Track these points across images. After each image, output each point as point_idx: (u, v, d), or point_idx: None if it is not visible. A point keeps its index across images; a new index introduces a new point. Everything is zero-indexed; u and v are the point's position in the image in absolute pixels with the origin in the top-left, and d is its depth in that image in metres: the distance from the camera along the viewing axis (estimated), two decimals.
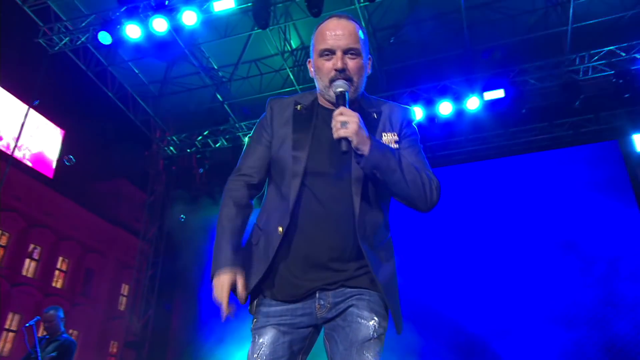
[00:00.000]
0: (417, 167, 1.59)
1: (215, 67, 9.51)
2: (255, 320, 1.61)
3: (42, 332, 5.23)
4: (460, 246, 8.40)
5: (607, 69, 7.98)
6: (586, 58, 8.06)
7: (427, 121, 8.55)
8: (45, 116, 17.59)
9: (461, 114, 8.51)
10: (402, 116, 1.73)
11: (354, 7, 7.62)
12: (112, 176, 23.69)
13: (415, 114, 8.39)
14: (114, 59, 9.29)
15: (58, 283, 19.39)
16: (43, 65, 8.93)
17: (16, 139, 14.68)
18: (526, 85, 8.32)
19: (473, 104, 8.30)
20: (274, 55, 9.17)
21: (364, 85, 1.71)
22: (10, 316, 17.12)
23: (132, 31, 7.62)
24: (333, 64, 1.61)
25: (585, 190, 8.23)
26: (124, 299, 22.00)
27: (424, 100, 8.53)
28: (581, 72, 8.12)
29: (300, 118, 1.70)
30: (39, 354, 4.72)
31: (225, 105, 9.87)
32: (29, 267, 18.17)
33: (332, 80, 1.61)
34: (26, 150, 16.78)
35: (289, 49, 8.93)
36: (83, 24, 8.27)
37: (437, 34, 8.45)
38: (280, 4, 7.92)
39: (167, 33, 7.66)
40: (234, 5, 7.50)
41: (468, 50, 8.36)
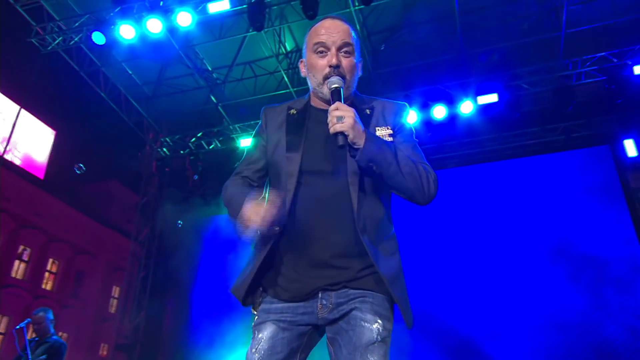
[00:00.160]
0: (414, 160, 1.59)
1: (210, 68, 9.48)
2: (256, 317, 1.62)
3: (31, 335, 5.16)
4: (453, 249, 8.42)
5: (600, 75, 8.05)
6: (579, 63, 8.13)
7: (421, 125, 8.59)
8: (37, 116, 17.45)
9: (455, 118, 8.55)
10: (395, 111, 1.75)
11: (348, 10, 7.63)
12: (104, 177, 23.50)
13: (409, 111, 8.42)
14: (107, 59, 9.23)
15: (48, 285, 19.19)
16: (35, 65, 8.87)
17: (7, 139, 14.54)
18: (520, 89, 8.37)
19: (467, 108, 8.35)
20: (268, 57, 9.16)
21: (355, 85, 1.74)
22: None
23: (126, 32, 7.58)
24: (327, 60, 1.63)
25: (577, 195, 8.29)
26: (115, 301, 21.82)
27: (418, 104, 8.56)
28: (574, 78, 8.19)
29: (293, 121, 1.73)
30: (29, 356, 4.66)
31: (220, 107, 9.84)
32: (18, 269, 17.98)
33: (325, 77, 1.63)
34: (17, 150, 16.63)
35: (284, 51, 8.92)
36: (76, 24, 8.22)
37: (432, 38, 8.48)
38: (275, 6, 7.92)
39: (161, 34, 7.63)
40: (228, 7, 7.49)
41: (462, 55, 8.39)
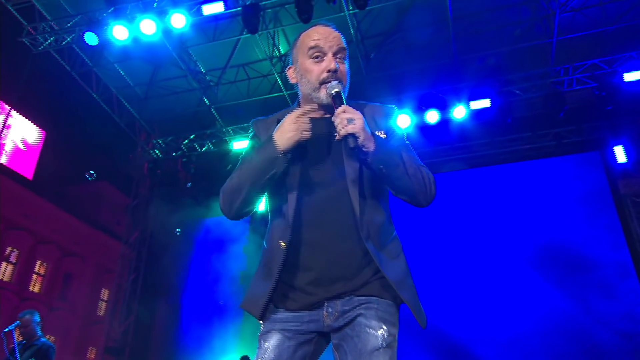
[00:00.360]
0: (415, 162, 1.61)
1: (203, 70, 9.45)
2: (262, 327, 1.61)
3: (18, 338, 5.09)
4: (444, 253, 8.44)
5: (590, 82, 8.15)
6: (570, 70, 8.22)
7: (414, 129, 8.62)
8: (27, 117, 17.26)
9: (448, 123, 8.60)
10: (385, 114, 1.73)
11: (343, 14, 7.65)
12: (94, 179, 23.29)
13: (402, 119, 8.45)
14: (99, 60, 9.17)
15: (35, 287, 18.96)
16: (26, 65, 8.77)
17: None
18: (512, 95, 8.44)
19: (459, 112, 8.40)
20: (262, 60, 9.15)
21: (347, 92, 1.71)
22: None
23: (119, 32, 7.54)
24: (325, 65, 1.61)
25: (568, 200, 8.36)
26: (104, 304, 21.62)
27: (411, 108, 8.60)
28: (565, 84, 8.27)
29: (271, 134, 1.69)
30: (17, 359, 4.59)
31: (212, 109, 9.81)
32: (5, 271, 17.75)
33: (322, 82, 1.61)
34: (5, 151, 16.43)
35: (277, 54, 8.92)
36: (69, 24, 8.16)
37: (425, 43, 8.53)
38: (270, 9, 7.93)
39: (155, 35, 7.59)
40: (223, 9, 7.47)
41: (455, 60, 8.45)
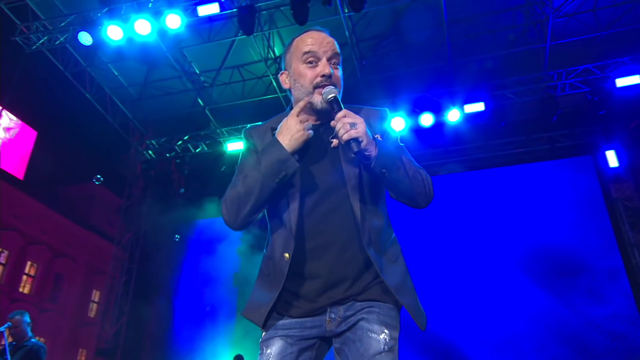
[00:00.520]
0: (413, 165, 1.62)
1: (197, 71, 9.42)
2: (264, 333, 1.61)
3: (8, 339, 5.03)
4: (436, 255, 8.46)
5: (583, 86, 8.22)
6: (563, 75, 8.29)
7: (409, 132, 8.64)
8: (18, 116, 17.11)
9: (442, 126, 8.63)
10: (379, 117, 1.73)
11: (338, 16, 7.66)
12: (86, 179, 23.14)
13: (396, 121, 8.48)
14: (93, 60, 9.12)
15: (25, 288, 18.76)
16: (19, 64, 8.71)
17: None
18: (506, 99, 8.49)
19: (454, 116, 8.44)
20: (257, 61, 9.14)
21: (341, 96, 1.70)
22: None
23: (114, 32, 7.50)
24: (320, 70, 1.60)
25: (560, 203, 8.42)
26: (95, 306, 21.45)
27: (406, 111, 8.62)
28: (558, 88, 8.34)
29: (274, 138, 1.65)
30: None
31: (207, 111, 9.78)
32: None
33: (316, 86, 1.60)
34: None
35: (272, 56, 8.91)
36: (62, 24, 8.10)
37: (420, 46, 8.58)
38: (265, 11, 7.92)
39: (149, 35, 7.56)
40: (218, 10, 7.46)
41: (450, 63, 8.49)
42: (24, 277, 18.72)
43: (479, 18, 8.15)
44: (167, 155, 10.32)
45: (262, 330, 1.62)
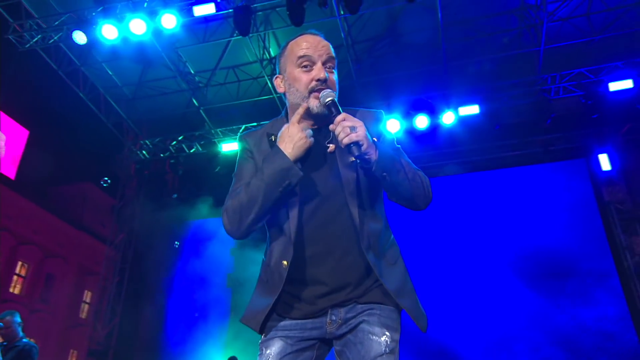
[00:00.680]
0: (412, 167, 1.61)
1: (192, 71, 9.39)
2: (263, 335, 1.60)
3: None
4: (430, 257, 8.46)
5: (577, 90, 8.28)
6: (557, 78, 8.34)
7: (404, 134, 8.66)
8: (10, 115, 16.97)
9: (437, 128, 8.66)
10: (374, 119, 1.72)
11: (334, 18, 7.66)
12: (78, 179, 23.00)
13: (391, 123, 8.50)
14: (87, 59, 9.06)
15: (16, 289, 18.61)
16: (11, 62, 8.65)
17: None
18: (500, 102, 8.53)
19: (449, 118, 8.47)
20: (252, 62, 9.12)
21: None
22: None
23: (109, 32, 7.45)
24: (315, 74, 1.58)
25: (554, 206, 8.47)
26: (86, 306, 21.31)
27: (400, 113, 8.64)
28: (552, 92, 8.40)
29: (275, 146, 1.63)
30: None
31: (201, 111, 9.74)
32: None
33: (311, 91, 1.58)
34: None
35: (268, 57, 8.90)
36: (57, 22, 8.04)
37: (415, 49, 8.60)
38: (261, 12, 7.91)
39: (144, 35, 7.53)
40: (214, 11, 7.44)
41: (444, 66, 8.52)
42: (15, 277, 18.56)
43: (474, 21, 8.19)
44: (162, 155, 10.27)
45: (259, 334, 1.61)
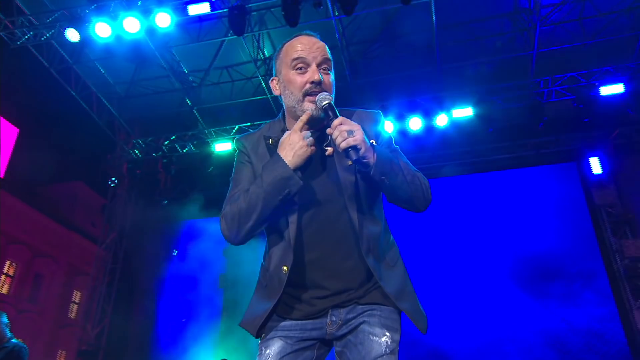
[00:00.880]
0: (411, 169, 1.60)
1: (186, 71, 9.34)
2: (263, 335, 1.59)
3: None
4: (419, 259, 8.47)
5: (569, 94, 8.35)
6: (549, 82, 8.41)
7: (397, 135, 8.68)
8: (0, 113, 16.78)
9: (430, 130, 8.69)
10: (372, 120, 1.71)
11: (329, 19, 7.67)
12: (68, 178, 22.78)
13: (386, 127, 8.50)
14: (80, 57, 8.98)
15: (4, 289, 18.36)
16: (2, 59, 8.54)
17: None
18: (493, 105, 8.58)
19: (442, 121, 8.50)
20: (246, 62, 9.10)
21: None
22: None
23: (102, 30, 7.39)
24: (309, 76, 1.56)
25: (545, 209, 8.53)
26: (75, 306, 21.10)
27: (394, 115, 8.67)
28: (544, 95, 8.46)
29: (274, 152, 1.59)
30: None
31: (195, 111, 9.69)
32: None
33: (306, 94, 1.56)
34: None
35: (262, 57, 8.88)
36: (49, 20, 7.97)
37: (409, 51, 8.64)
38: (255, 12, 7.90)
39: (138, 34, 7.48)
40: (209, 10, 7.41)
41: (438, 68, 8.55)
42: (3, 277, 18.33)
43: (467, 24, 8.24)
44: (154, 155, 10.19)
45: (255, 337, 1.60)
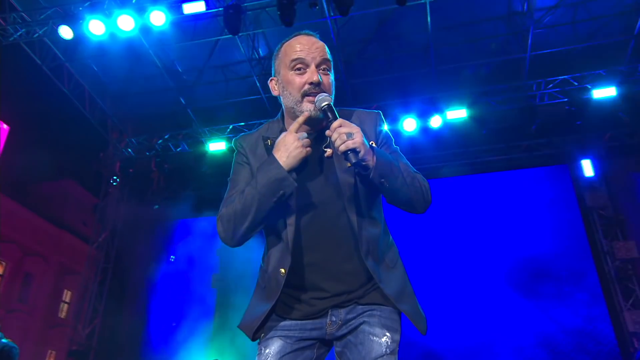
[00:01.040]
0: (410, 170, 1.59)
1: (180, 70, 9.30)
2: (262, 334, 1.58)
3: None
4: (412, 260, 8.49)
5: (562, 97, 8.41)
6: (543, 85, 8.47)
7: (392, 135, 8.69)
8: None
9: (425, 131, 8.72)
10: (373, 121, 1.71)
11: (324, 19, 7.67)
12: (59, 177, 22.59)
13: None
14: (72, 54, 8.90)
15: None
16: None
17: None
18: (487, 107, 8.62)
19: (436, 122, 8.53)
20: (241, 62, 9.07)
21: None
22: None
23: (96, 27, 7.34)
24: (308, 77, 1.55)
25: (537, 211, 8.58)
26: (66, 306, 20.92)
27: (389, 116, 8.68)
28: (538, 98, 8.52)
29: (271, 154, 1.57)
30: None
31: (189, 110, 9.65)
32: None
33: (304, 95, 1.55)
34: None
35: (257, 57, 8.86)
36: (42, 16, 7.90)
37: (404, 52, 8.66)
38: (250, 12, 7.88)
39: (132, 32, 7.43)
40: (204, 9, 7.39)
41: (433, 70, 8.58)
42: None
43: (462, 26, 8.28)
44: (147, 153, 10.13)
45: (252, 340, 1.60)
